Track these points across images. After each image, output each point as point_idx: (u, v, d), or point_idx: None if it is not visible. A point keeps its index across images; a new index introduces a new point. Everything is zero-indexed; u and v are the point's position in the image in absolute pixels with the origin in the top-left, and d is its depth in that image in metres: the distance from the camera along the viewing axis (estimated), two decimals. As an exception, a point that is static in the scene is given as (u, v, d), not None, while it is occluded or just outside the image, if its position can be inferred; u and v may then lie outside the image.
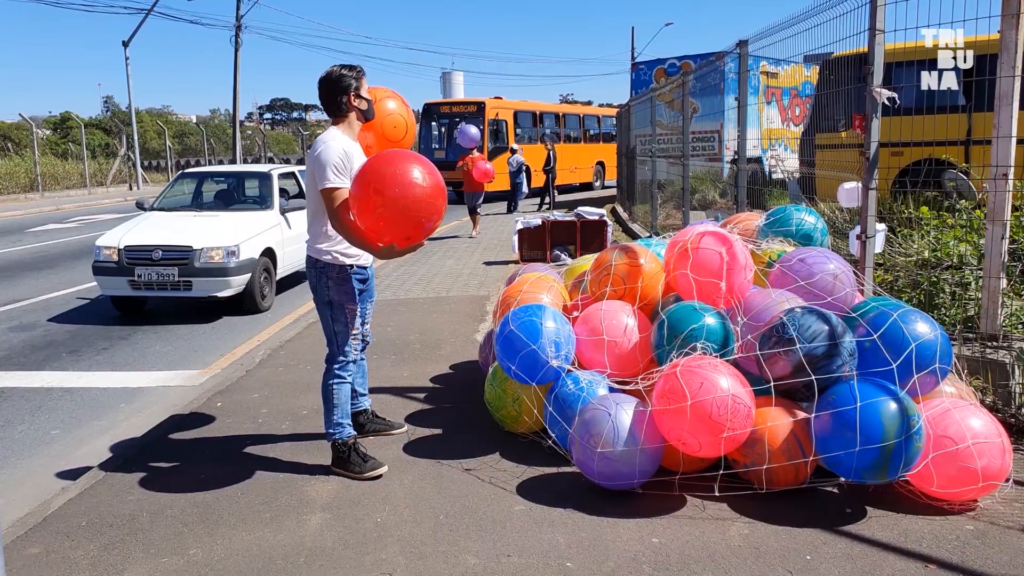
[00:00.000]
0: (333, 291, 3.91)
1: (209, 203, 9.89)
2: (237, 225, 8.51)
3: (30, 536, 3.39)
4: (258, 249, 8.37)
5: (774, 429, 3.35)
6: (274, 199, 9.27)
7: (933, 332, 3.44)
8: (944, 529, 3.12)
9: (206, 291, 8.01)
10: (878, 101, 4.44)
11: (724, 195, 12.69)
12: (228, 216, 8.93)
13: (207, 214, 9.09)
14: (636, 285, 4.15)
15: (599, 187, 29.59)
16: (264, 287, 8.55)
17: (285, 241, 9.07)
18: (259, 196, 9.66)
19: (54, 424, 5.19)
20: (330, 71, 3.89)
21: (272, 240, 8.74)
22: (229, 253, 8.02)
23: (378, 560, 3.06)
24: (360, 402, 4.42)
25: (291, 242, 9.18)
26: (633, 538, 3.14)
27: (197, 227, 8.43)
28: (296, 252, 9.21)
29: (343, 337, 3.95)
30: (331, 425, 3.95)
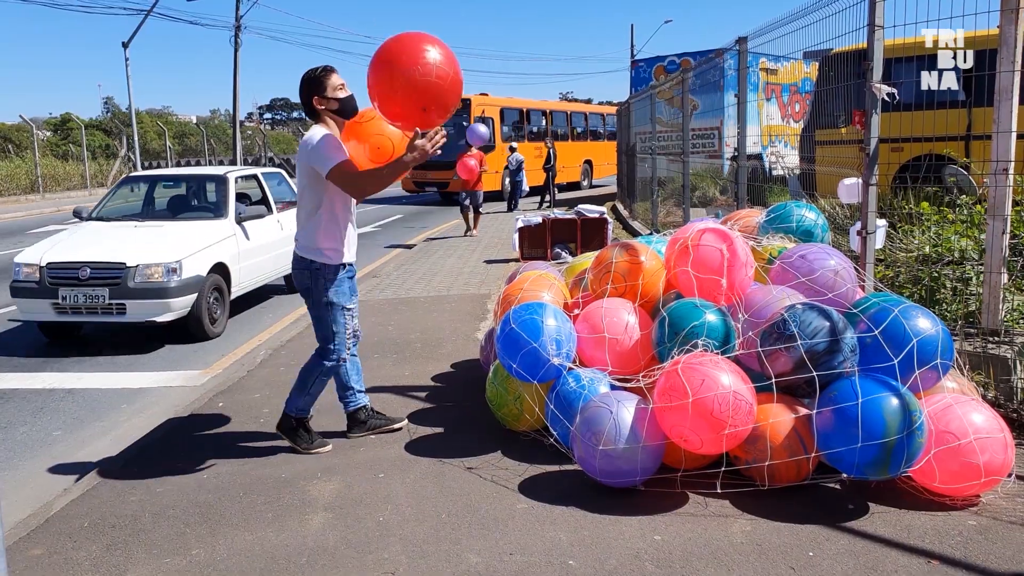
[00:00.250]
0: (332, 292, 3.99)
1: (156, 211, 8.75)
2: (182, 237, 7.42)
3: (32, 537, 3.39)
4: (206, 265, 7.27)
5: (776, 426, 3.35)
6: (229, 206, 8.12)
7: (934, 327, 3.44)
8: (947, 525, 3.12)
9: (142, 316, 6.84)
10: (878, 97, 4.44)
11: (724, 192, 12.69)
12: (174, 226, 7.82)
13: (151, 224, 7.90)
14: (637, 282, 4.15)
15: (587, 186, 28.81)
16: (214, 310, 7.41)
17: (242, 254, 7.98)
18: (212, 203, 8.55)
19: (56, 425, 5.20)
20: (302, 76, 3.98)
21: (225, 254, 7.63)
22: (169, 271, 6.89)
23: (380, 559, 3.06)
24: (359, 399, 4.44)
25: (249, 255, 8.15)
26: (635, 535, 3.14)
27: (135, 240, 7.33)
28: (257, 267, 8.30)
29: (341, 337, 4.06)
30: (296, 405, 4.21)
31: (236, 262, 7.84)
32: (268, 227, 8.64)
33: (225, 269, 7.63)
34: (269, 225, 8.69)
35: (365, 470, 3.92)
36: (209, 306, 7.32)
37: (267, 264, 8.60)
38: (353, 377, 4.38)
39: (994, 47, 4.20)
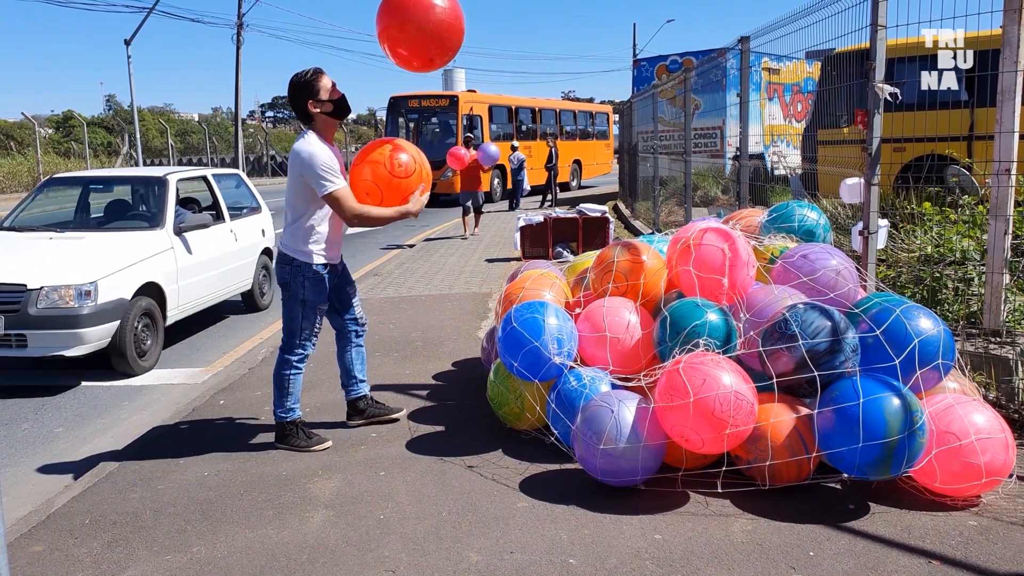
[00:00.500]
0: (308, 291, 4.09)
1: (84, 220, 7.50)
2: (104, 252, 6.19)
3: (34, 534, 3.39)
4: (131, 286, 6.04)
5: (777, 425, 3.35)
6: (166, 214, 6.88)
7: (936, 328, 3.43)
8: (947, 525, 3.12)
9: (46, 349, 5.68)
10: (880, 97, 4.43)
11: (726, 191, 12.69)
12: (97, 239, 6.56)
13: (70, 236, 6.63)
14: (638, 282, 4.15)
15: (575, 187, 27.98)
16: (144, 339, 6.19)
17: (182, 271, 6.74)
18: (148, 210, 7.28)
19: (58, 422, 5.20)
20: (290, 82, 4.01)
21: (159, 271, 6.40)
22: (82, 294, 5.69)
23: (381, 557, 3.06)
24: (360, 388, 4.53)
25: (191, 272, 6.90)
26: (636, 534, 3.14)
27: (46, 256, 6.09)
28: (202, 285, 7.14)
29: (307, 333, 4.16)
30: (282, 409, 4.21)
31: (173, 281, 6.63)
32: (218, 238, 7.54)
33: (158, 290, 6.41)
34: (219, 236, 7.58)
35: (366, 468, 3.93)
36: (136, 335, 6.10)
37: (216, 281, 7.43)
38: (357, 366, 4.49)
39: (997, 47, 4.20)
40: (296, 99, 4.01)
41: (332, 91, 4.02)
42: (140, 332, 6.16)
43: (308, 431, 4.26)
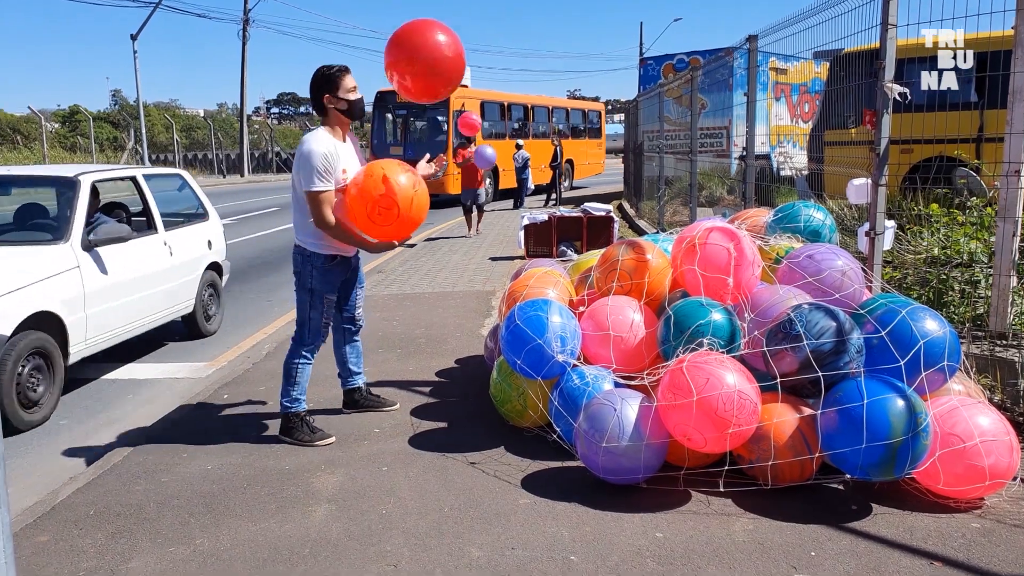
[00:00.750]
0: (316, 280, 4.16)
1: None
2: None
3: (39, 524, 3.41)
4: (12, 318, 4.70)
5: (780, 425, 3.35)
6: (72, 224, 5.48)
7: (942, 330, 3.42)
8: (950, 527, 3.11)
9: None
10: (889, 97, 4.41)
11: (732, 191, 12.66)
12: None
13: None
14: (643, 280, 4.14)
15: (567, 187, 26.45)
16: (36, 383, 4.90)
17: (91, 297, 5.39)
18: (51, 220, 5.92)
19: (62, 415, 5.21)
20: (316, 71, 4.09)
21: (57, 297, 5.07)
22: None
23: (383, 552, 3.07)
24: (355, 380, 4.68)
25: (106, 296, 5.57)
26: (637, 532, 3.14)
27: None
28: (122, 312, 5.79)
29: (316, 324, 4.22)
30: (288, 398, 4.24)
31: (78, 308, 5.28)
32: (146, 253, 6.20)
33: (56, 321, 5.09)
34: (148, 250, 6.25)
35: (368, 463, 3.93)
36: (21, 382, 4.77)
37: (141, 306, 6.07)
38: (352, 359, 4.64)
39: (1008, 48, 4.18)
40: (316, 91, 4.07)
41: (352, 92, 4.09)
42: (26, 377, 4.81)
43: (312, 425, 4.29)
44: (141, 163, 34.18)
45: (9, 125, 37.11)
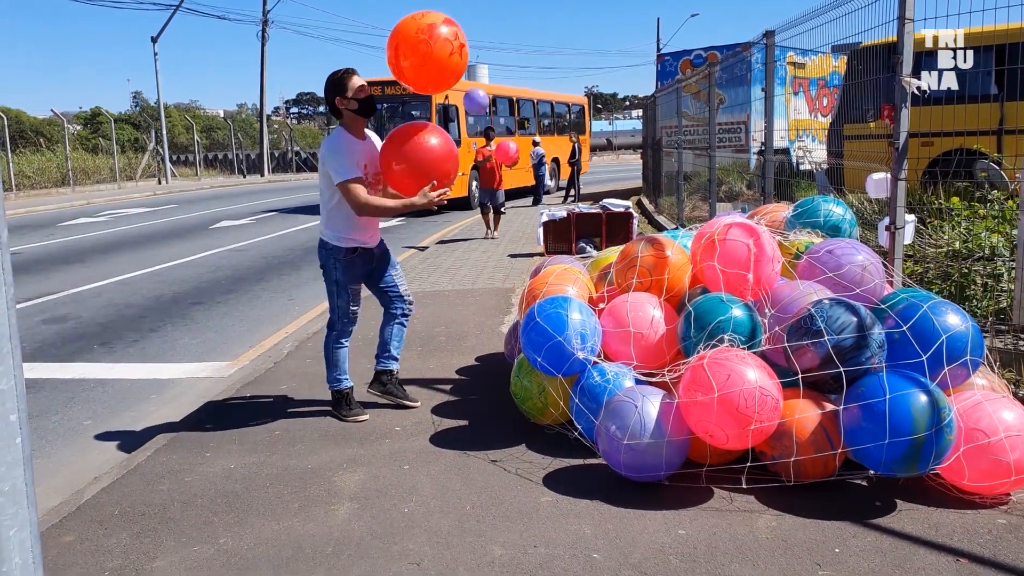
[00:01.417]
0: (339, 272, 4.46)
1: None
2: None
3: (64, 524, 3.45)
4: None
5: (802, 421, 3.33)
6: None
7: (964, 324, 3.39)
8: (976, 523, 3.08)
9: None
10: (908, 90, 4.38)
11: (751, 186, 12.59)
12: None
13: None
14: (663, 277, 4.13)
15: (553, 188, 24.42)
16: None
17: None
18: None
19: (87, 415, 5.28)
20: (327, 78, 4.34)
21: None
22: None
23: (405, 550, 3.09)
24: (389, 363, 4.80)
25: None
26: (660, 530, 3.13)
27: None
28: None
29: (342, 311, 4.55)
30: (331, 379, 4.64)
31: None
32: None
33: None
34: None
35: (390, 461, 3.95)
36: None
37: None
38: (394, 343, 4.79)
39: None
40: (328, 95, 4.32)
41: (359, 90, 4.28)
42: None
43: (352, 402, 4.62)
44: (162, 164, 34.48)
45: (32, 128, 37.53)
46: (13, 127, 32.42)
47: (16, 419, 1.47)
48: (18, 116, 35.70)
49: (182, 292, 9.43)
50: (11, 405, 1.46)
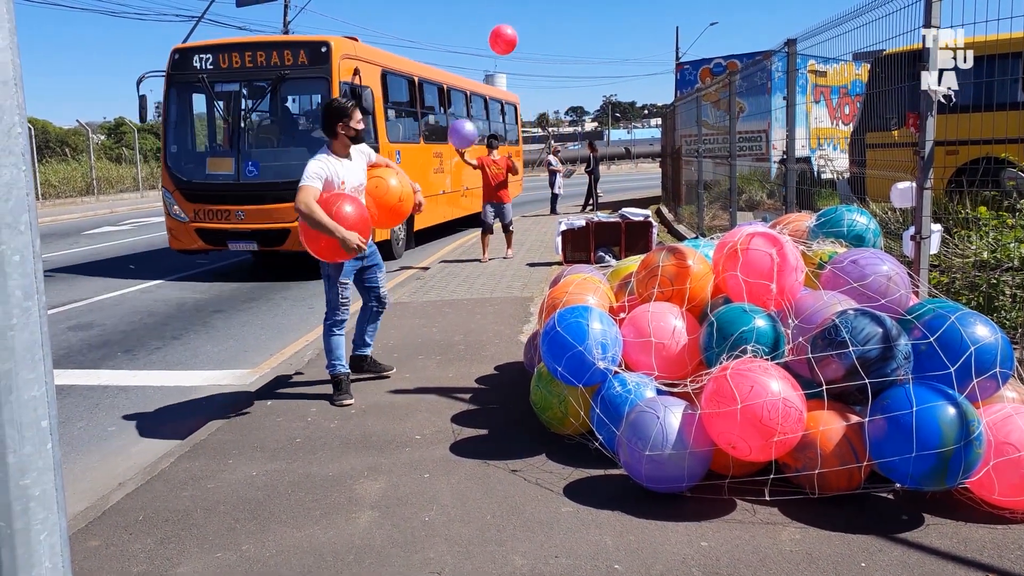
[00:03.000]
0: (331, 267, 5.04)
1: None
2: None
3: (90, 529, 3.48)
4: None
5: (826, 433, 3.29)
6: None
7: (993, 335, 3.35)
8: (1006, 538, 3.03)
9: None
10: (933, 100, 4.33)
11: (772, 195, 12.52)
12: None
13: None
14: (684, 286, 4.11)
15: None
16: None
17: None
18: None
19: (111, 421, 5.33)
20: (329, 102, 5.04)
21: None
22: None
23: (426, 559, 3.08)
24: (364, 349, 5.58)
25: None
26: (682, 541, 3.11)
27: None
28: None
29: (334, 303, 5.13)
30: (329, 364, 5.19)
31: None
32: None
33: None
34: None
35: (410, 470, 3.96)
36: None
37: None
38: (368, 332, 5.55)
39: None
40: (330, 118, 4.92)
41: (360, 122, 4.98)
42: None
43: (343, 388, 5.12)
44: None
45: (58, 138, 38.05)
46: (39, 137, 32.87)
47: (47, 425, 1.48)
48: (44, 127, 36.19)
49: (204, 300, 9.51)
50: (43, 411, 1.47)
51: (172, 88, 11.07)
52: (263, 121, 11.67)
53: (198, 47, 11.00)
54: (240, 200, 10.37)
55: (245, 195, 10.41)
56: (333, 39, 10.71)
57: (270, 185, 10.23)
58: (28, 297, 1.42)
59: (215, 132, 11.99)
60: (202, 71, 10.79)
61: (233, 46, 10.89)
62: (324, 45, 10.50)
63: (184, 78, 10.94)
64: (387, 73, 12.56)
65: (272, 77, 10.54)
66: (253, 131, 11.28)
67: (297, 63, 10.55)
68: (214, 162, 10.91)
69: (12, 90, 1.37)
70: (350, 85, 10.74)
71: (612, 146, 65.03)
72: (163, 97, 11.16)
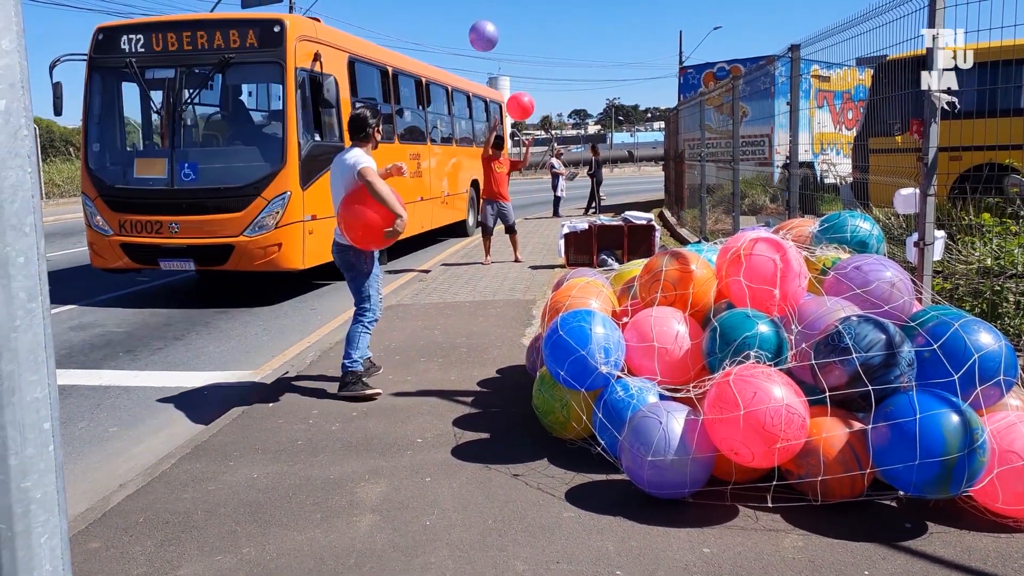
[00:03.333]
0: (368, 262, 5.26)
1: None
2: None
3: (90, 531, 3.48)
4: None
5: (829, 440, 3.28)
6: None
7: (997, 343, 3.34)
8: (1010, 547, 3.02)
9: None
10: (937, 106, 4.32)
11: (775, 200, 12.51)
12: None
13: None
14: (687, 291, 4.10)
15: (472, 226, 15.82)
16: None
17: None
18: None
19: (112, 422, 5.33)
20: (361, 111, 5.34)
21: None
22: None
23: (427, 563, 3.07)
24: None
25: None
26: (684, 547, 3.10)
27: None
28: None
29: (373, 299, 5.33)
30: (351, 360, 5.23)
31: None
32: None
33: None
34: None
35: (412, 474, 3.95)
36: None
37: None
38: None
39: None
40: (367, 122, 5.23)
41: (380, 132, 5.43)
42: None
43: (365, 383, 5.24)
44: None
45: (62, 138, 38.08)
46: (44, 137, 32.91)
47: (49, 427, 1.48)
48: (49, 126, 36.20)
49: (206, 300, 9.51)
50: (45, 413, 1.47)
51: (95, 74, 9.33)
52: (204, 115, 10.31)
53: (127, 25, 9.31)
54: (174, 210, 8.69)
55: (181, 204, 8.71)
56: (288, 17, 9.26)
57: (211, 192, 8.69)
58: (32, 299, 1.42)
59: (146, 128, 10.06)
60: (131, 54, 9.03)
61: (169, 24, 9.18)
62: (277, 24, 8.83)
63: (109, 62, 9.18)
64: (356, 61, 10.77)
65: (215, 62, 8.83)
66: (191, 127, 9.72)
67: (245, 45, 8.83)
68: (144, 164, 9.15)
69: (19, 93, 1.37)
70: (309, 72, 9.03)
71: (615, 149, 65.04)
72: (84, 85, 9.38)
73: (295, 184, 8.72)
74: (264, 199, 8.58)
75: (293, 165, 8.72)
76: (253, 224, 8.61)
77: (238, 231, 8.63)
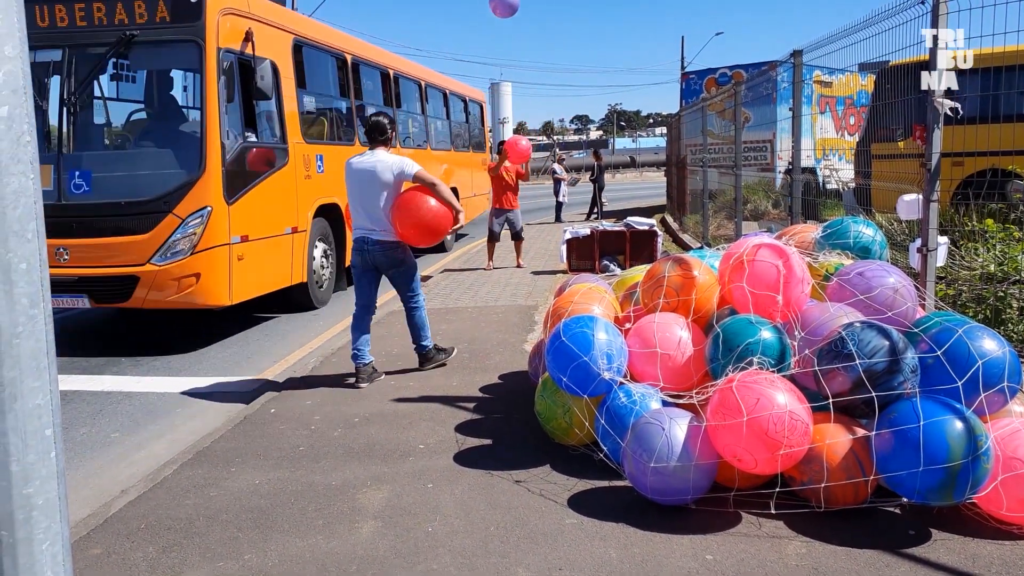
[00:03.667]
0: (411, 255, 5.65)
1: None
2: None
3: (92, 537, 3.47)
4: None
5: (833, 446, 3.27)
6: None
7: (1001, 349, 3.33)
8: (1014, 554, 3.00)
9: None
10: (940, 112, 4.32)
11: (777, 205, 12.51)
12: None
13: None
14: (690, 297, 4.10)
15: (451, 241, 14.65)
16: None
17: None
18: None
19: (114, 427, 5.32)
20: (381, 117, 5.73)
21: None
22: None
23: (429, 570, 3.06)
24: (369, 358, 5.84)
25: None
26: (687, 554, 3.09)
27: None
28: None
29: (419, 287, 5.78)
30: (427, 338, 5.91)
31: None
32: None
33: None
34: None
35: (414, 480, 3.94)
36: None
37: None
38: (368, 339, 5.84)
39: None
40: (390, 127, 5.65)
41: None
42: None
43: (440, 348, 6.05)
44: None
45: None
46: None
47: (51, 434, 1.48)
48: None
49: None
50: (47, 419, 1.47)
51: None
52: (100, 109, 7.94)
53: None
54: (62, 231, 6.70)
55: (70, 224, 6.75)
56: None
57: (108, 207, 6.78)
58: (34, 305, 1.42)
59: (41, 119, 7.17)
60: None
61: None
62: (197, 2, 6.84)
63: None
64: (303, 45, 8.91)
65: (115, 41, 6.87)
66: (84, 125, 7.38)
67: (155, 20, 6.84)
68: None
69: (22, 99, 1.37)
70: (237, 55, 7.22)
71: (617, 155, 65.09)
72: None
73: (217, 197, 6.86)
74: (177, 216, 6.71)
75: (215, 172, 6.84)
76: (163, 249, 6.72)
77: (143, 258, 6.74)
